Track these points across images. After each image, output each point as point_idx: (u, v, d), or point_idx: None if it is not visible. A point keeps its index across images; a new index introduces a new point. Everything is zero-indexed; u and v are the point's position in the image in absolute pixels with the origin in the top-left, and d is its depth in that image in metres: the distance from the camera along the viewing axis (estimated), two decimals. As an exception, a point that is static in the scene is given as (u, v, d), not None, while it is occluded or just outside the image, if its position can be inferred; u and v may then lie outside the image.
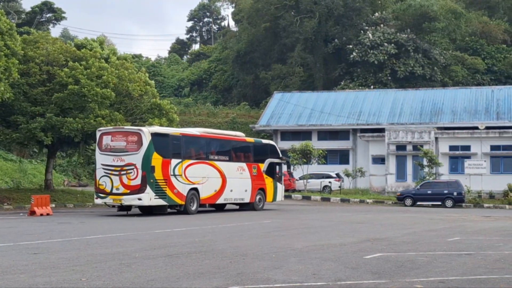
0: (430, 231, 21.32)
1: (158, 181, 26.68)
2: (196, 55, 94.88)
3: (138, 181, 26.06)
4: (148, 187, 26.18)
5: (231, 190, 30.95)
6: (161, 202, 27.22)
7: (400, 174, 49.63)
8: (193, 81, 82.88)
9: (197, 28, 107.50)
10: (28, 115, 33.37)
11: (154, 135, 26.84)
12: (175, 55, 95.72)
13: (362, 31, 66.71)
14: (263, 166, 33.44)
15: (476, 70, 68.88)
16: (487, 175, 46.18)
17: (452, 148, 49.02)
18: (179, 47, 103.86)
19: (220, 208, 32.68)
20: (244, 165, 32.15)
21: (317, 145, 50.47)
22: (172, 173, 27.45)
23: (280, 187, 34.82)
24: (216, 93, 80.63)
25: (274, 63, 71.44)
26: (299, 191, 47.84)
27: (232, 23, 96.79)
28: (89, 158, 44.36)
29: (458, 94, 55.02)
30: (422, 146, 47.89)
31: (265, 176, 33.49)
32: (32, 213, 26.68)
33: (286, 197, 44.86)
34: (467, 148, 48.56)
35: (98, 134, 27.67)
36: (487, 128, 48.56)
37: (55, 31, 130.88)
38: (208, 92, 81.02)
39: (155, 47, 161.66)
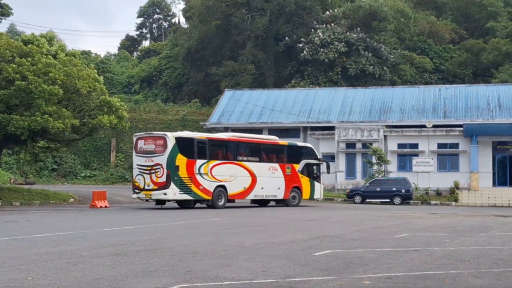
0: (378, 228, 21.57)
1: (182, 178, 30.60)
2: (146, 52, 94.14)
3: (163, 179, 30.08)
4: (172, 184, 30.13)
5: (262, 188, 34.55)
6: (186, 197, 31.15)
7: (350, 172, 50.12)
8: (143, 78, 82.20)
9: (147, 24, 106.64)
10: (-28, 111, 32.65)
11: (179, 139, 30.91)
12: (124, 52, 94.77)
13: (312, 30, 67.10)
14: (298, 167, 36.82)
15: (424, 69, 70.04)
16: (434, 172, 47.02)
17: (400, 146, 49.72)
18: (129, 44, 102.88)
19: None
20: (276, 165, 35.68)
21: (267, 142, 50.53)
22: (197, 172, 31.26)
23: (318, 186, 38.07)
24: (167, 90, 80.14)
25: (225, 60, 71.35)
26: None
27: (182, 20, 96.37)
28: (36, 155, 43.65)
29: (406, 93, 55.78)
30: (371, 144, 48.44)
31: (300, 175, 36.83)
32: (-23, 211, 26.11)
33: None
34: (415, 146, 49.31)
35: (134, 139, 32.20)
36: (435, 126, 49.39)
37: (2, 26, 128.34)
38: (158, 89, 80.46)
39: (104, 44, 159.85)
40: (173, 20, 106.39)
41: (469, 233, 20.57)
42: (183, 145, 31.02)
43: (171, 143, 30.37)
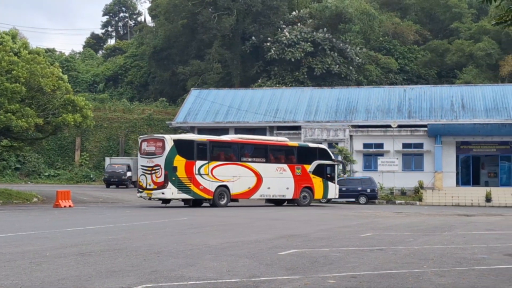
0: (344, 227, 21.68)
1: (181, 178, 31.92)
2: (111, 50, 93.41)
3: (162, 179, 31.53)
4: (170, 184, 31.53)
5: (269, 188, 35.50)
6: (185, 196, 32.60)
7: (316, 171, 50.26)
8: (109, 76, 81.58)
9: (113, 23, 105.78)
10: None
11: (177, 141, 32.40)
12: (90, 50, 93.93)
13: (279, 29, 67.23)
14: (310, 167, 37.38)
15: (390, 69, 70.65)
16: (399, 172, 47.49)
17: (366, 145, 50.10)
18: (94, 42, 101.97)
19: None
20: (284, 166, 36.48)
21: (234, 142, 50.51)
22: (197, 172, 32.50)
23: (332, 186, 38.55)
24: (132, 89, 79.64)
25: (192, 59, 71.11)
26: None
27: (148, 19, 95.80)
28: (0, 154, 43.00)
29: (372, 93, 56.16)
30: (337, 143, 48.71)
31: (312, 176, 37.41)
32: None
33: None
34: (380, 145, 49.71)
35: (139, 141, 34.07)
36: (400, 126, 49.86)
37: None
38: (124, 88, 79.92)
39: (68, 42, 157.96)
40: (139, 19, 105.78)
41: (433, 232, 20.78)
42: (182, 147, 32.40)
43: (169, 145, 31.77)
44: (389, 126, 49.70)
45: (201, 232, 18.88)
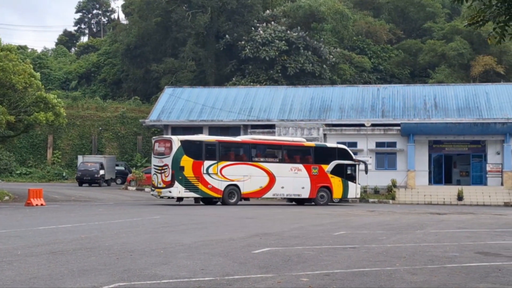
0: (317, 226, 21.76)
1: (188, 178, 33.13)
2: (84, 47, 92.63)
3: (169, 178, 32.84)
4: (176, 183, 32.80)
5: (282, 187, 36.17)
6: (192, 194, 33.87)
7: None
8: (81, 74, 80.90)
9: (86, 20, 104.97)
10: None
11: (184, 141, 33.61)
12: (62, 47, 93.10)
13: (253, 28, 67.22)
14: (327, 167, 37.79)
15: (363, 68, 70.98)
16: (372, 171, 47.66)
17: (339, 144, 50.23)
18: (67, 39, 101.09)
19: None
20: (300, 166, 37.01)
21: (208, 140, 50.38)
22: (205, 172, 33.59)
23: (353, 186, 38.86)
24: (105, 87, 79.08)
25: (166, 57, 70.80)
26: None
27: (122, 16, 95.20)
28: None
29: (346, 92, 56.36)
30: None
31: (330, 175, 37.82)
32: None
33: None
34: (354, 144, 49.87)
35: (153, 141, 35.46)
36: (373, 125, 50.10)
37: None
38: (96, 86, 79.31)
39: (40, 39, 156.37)
40: (112, 16, 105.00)
41: (406, 230, 20.94)
42: (189, 147, 33.67)
43: (176, 145, 33.03)
44: (363, 125, 49.92)
45: (175, 230, 18.82)
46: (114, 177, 55.68)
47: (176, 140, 33.40)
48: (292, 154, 37.73)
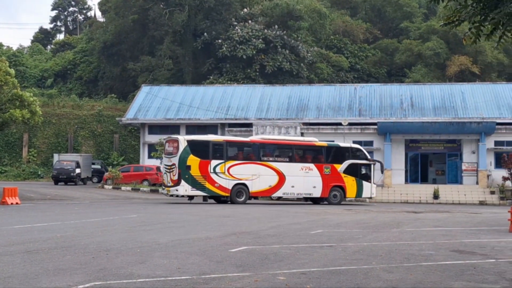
0: (294, 224, 21.79)
1: (194, 177, 34.02)
2: (60, 45, 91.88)
3: (176, 177, 33.78)
4: (183, 181, 33.75)
5: (293, 186, 36.51)
6: (199, 193, 34.78)
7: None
8: (57, 72, 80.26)
9: (62, 17, 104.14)
10: None
11: (191, 141, 34.61)
12: (38, 45, 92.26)
13: (231, 26, 67.15)
14: (340, 166, 37.88)
15: (340, 68, 71.24)
16: (349, 169, 47.80)
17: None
18: (43, 37, 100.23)
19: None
20: (311, 165, 37.27)
21: (185, 139, 50.26)
22: (212, 171, 34.38)
23: (368, 185, 38.79)
24: (82, 85, 78.53)
25: (143, 55, 70.49)
26: (167, 185, 47.54)
27: (98, 14, 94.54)
28: None
29: (323, 91, 56.54)
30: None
31: (343, 175, 37.91)
32: None
33: (152, 191, 44.58)
34: (331, 143, 50.03)
35: (164, 142, 37.16)
36: (350, 124, 50.29)
37: None
38: (73, 84, 78.73)
39: (15, 36, 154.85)
40: (88, 13, 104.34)
41: (382, 229, 21.04)
42: (196, 147, 34.51)
43: (182, 145, 33.98)
44: (340, 124, 50.09)
45: (151, 229, 18.75)
46: (90, 176, 55.32)
47: (183, 140, 34.41)
48: (302, 153, 38.18)
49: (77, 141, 62.34)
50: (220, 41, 65.55)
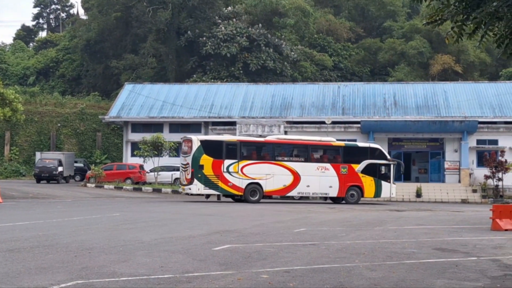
0: (278, 223, 21.81)
1: (207, 176, 34.85)
2: (43, 42, 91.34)
3: (189, 176, 34.73)
4: (196, 180, 34.63)
5: (308, 186, 36.73)
6: (212, 192, 35.45)
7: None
8: (40, 69, 79.76)
9: (44, 15, 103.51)
10: None
11: (204, 141, 35.57)
12: (20, 42, 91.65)
13: (215, 24, 67.05)
14: (358, 166, 37.82)
15: (324, 66, 71.37)
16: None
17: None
18: (25, 34, 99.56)
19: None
20: (327, 165, 37.45)
21: (168, 137, 50.19)
22: (225, 170, 35.09)
23: (387, 185, 38.66)
24: (64, 82, 78.08)
25: (126, 53, 70.21)
26: (150, 183, 47.43)
27: (81, 11, 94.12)
28: None
29: (307, 89, 56.61)
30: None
31: (361, 175, 37.88)
32: None
33: (135, 189, 44.44)
34: (314, 141, 50.10)
35: (181, 141, 37.43)
36: (334, 122, 50.40)
37: None
38: (55, 82, 78.28)
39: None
40: (71, 11, 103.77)
41: (365, 227, 21.11)
42: (209, 147, 35.34)
43: (195, 145, 34.86)
44: (323, 123, 50.18)
45: (134, 228, 18.68)
46: (73, 174, 55.03)
47: (196, 140, 35.22)
48: (319, 153, 38.35)
49: (60, 139, 61.99)
50: (203, 39, 65.43)
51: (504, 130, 49.27)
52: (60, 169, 51.19)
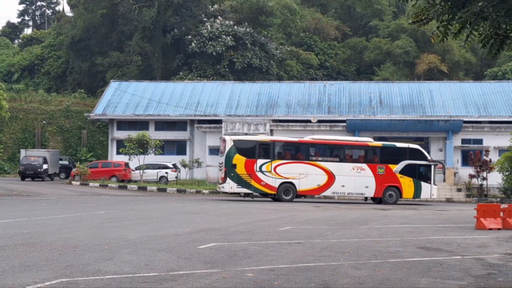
0: (263, 221, 21.83)
1: (240, 175, 35.75)
2: (28, 39, 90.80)
3: (223, 175, 35.90)
4: (228, 179, 35.67)
5: (343, 186, 36.90)
6: (245, 190, 36.45)
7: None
8: (25, 66, 79.27)
9: (30, 11, 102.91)
10: None
11: (237, 141, 36.41)
12: (5, 39, 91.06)
13: (201, 23, 66.95)
14: (396, 167, 37.68)
15: (310, 65, 71.45)
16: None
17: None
18: (10, 31, 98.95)
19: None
20: (363, 165, 37.44)
21: (154, 135, 50.10)
22: (258, 170, 35.89)
23: (427, 186, 38.11)
24: (49, 79, 77.63)
25: (112, 51, 69.94)
26: (135, 181, 47.30)
27: (67, 8, 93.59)
28: None
29: (292, 88, 56.66)
30: (257, 137, 48.87)
31: (399, 175, 37.71)
32: None
33: (121, 187, 44.31)
34: (300, 140, 50.15)
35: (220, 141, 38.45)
36: (319, 121, 50.46)
37: None
38: (40, 79, 77.81)
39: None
40: (57, 8, 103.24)
41: (350, 225, 21.17)
42: (242, 147, 36.25)
43: (228, 145, 35.88)
44: (309, 121, 50.25)
45: (119, 226, 18.63)
46: (58, 172, 54.74)
47: (229, 140, 36.23)
48: (354, 153, 38.33)
49: (45, 137, 61.67)
50: (189, 37, 65.33)
51: (489, 130, 49.58)
52: (45, 166, 50.91)
